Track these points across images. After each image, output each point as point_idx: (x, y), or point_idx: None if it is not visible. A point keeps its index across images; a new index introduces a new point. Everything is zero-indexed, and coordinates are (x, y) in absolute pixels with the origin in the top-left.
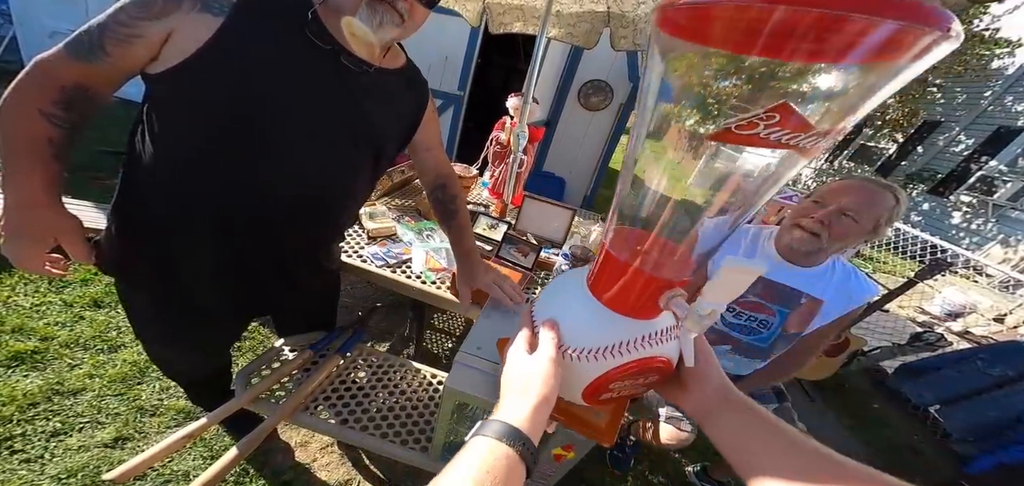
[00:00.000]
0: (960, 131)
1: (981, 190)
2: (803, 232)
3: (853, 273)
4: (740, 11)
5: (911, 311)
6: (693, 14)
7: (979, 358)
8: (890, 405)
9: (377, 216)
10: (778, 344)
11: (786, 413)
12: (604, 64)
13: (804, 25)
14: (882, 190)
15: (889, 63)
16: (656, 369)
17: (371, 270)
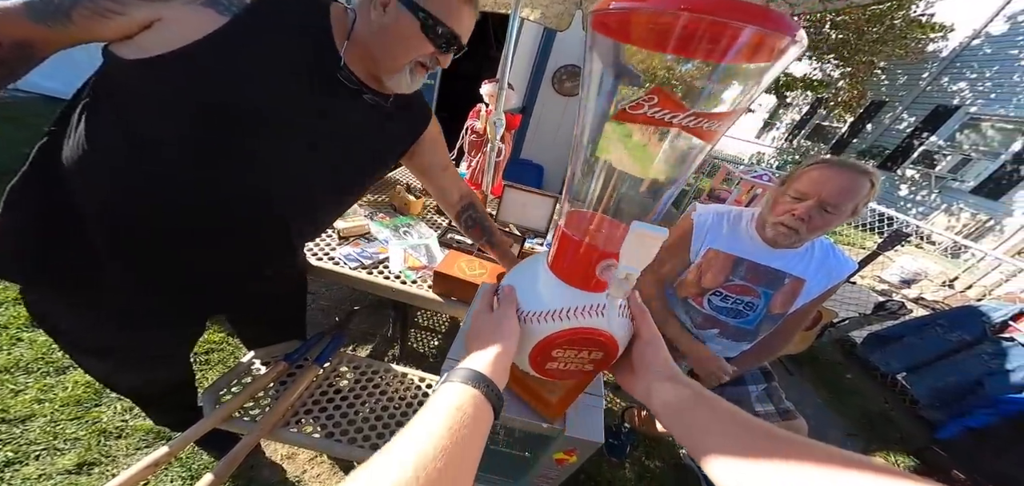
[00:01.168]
0: (903, 110)
1: (924, 164)
2: (784, 228)
3: (831, 250)
4: (654, 18)
5: (870, 280)
6: (619, 18)
7: (938, 324)
8: (862, 374)
9: (348, 215)
10: (763, 325)
11: (774, 392)
12: (577, 48)
13: (701, 30)
14: (860, 176)
15: (757, 63)
16: (599, 344)
17: (345, 273)
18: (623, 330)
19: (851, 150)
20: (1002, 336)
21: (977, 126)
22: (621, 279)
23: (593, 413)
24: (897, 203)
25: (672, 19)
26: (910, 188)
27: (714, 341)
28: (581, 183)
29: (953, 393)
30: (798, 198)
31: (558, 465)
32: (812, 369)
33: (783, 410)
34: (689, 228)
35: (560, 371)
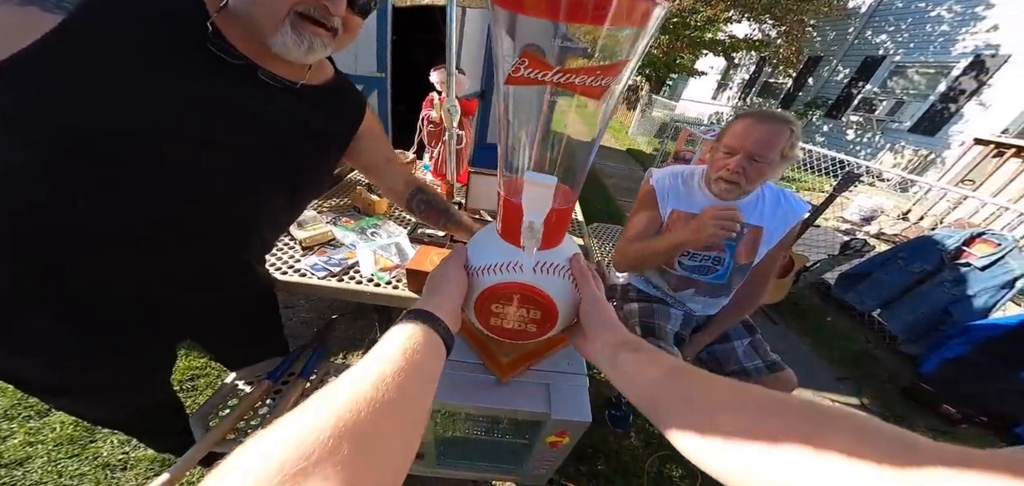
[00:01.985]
0: (837, 63)
1: (865, 110)
2: (725, 182)
3: (782, 195)
4: None
5: (834, 221)
6: None
7: (899, 257)
8: (840, 315)
9: (307, 224)
10: (734, 277)
11: (759, 346)
12: (529, 28)
13: None
14: (779, 125)
15: (631, 26)
16: (536, 302)
17: (313, 284)
18: (561, 291)
19: (798, 103)
20: (958, 262)
21: (904, 72)
22: (526, 228)
23: (578, 393)
24: (847, 147)
25: None
26: (856, 132)
27: (692, 301)
28: (510, 151)
29: (925, 325)
30: (729, 153)
31: (553, 448)
32: (794, 316)
33: (770, 363)
34: (652, 192)
35: (505, 329)
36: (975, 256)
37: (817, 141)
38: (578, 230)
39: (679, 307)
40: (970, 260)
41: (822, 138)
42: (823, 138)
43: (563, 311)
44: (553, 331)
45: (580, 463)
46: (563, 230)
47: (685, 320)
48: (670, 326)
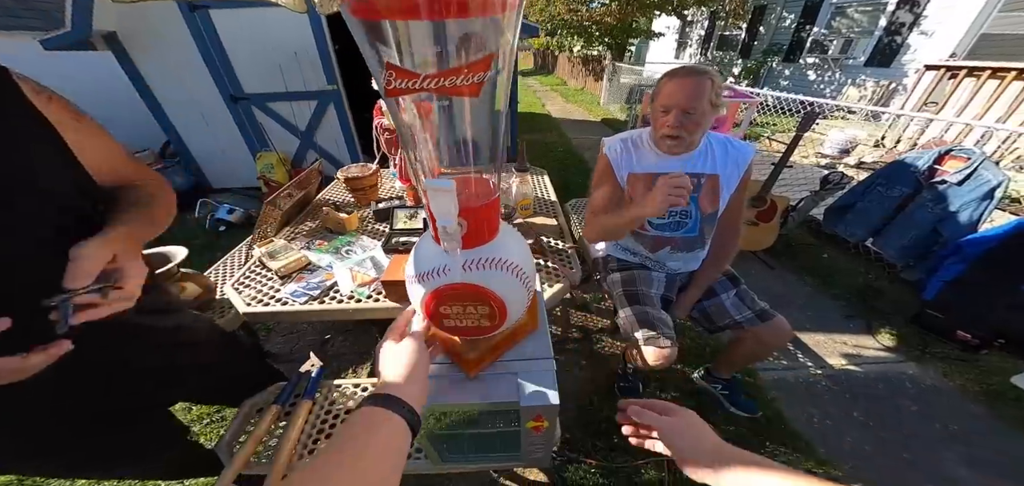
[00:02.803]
0: (781, 9)
1: (818, 51)
2: (668, 139)
3: (728, 142)
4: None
5: (812, 158)
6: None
7: (878, 185)
8: (835, 249)
9: (279, 253)
10: (705, 226)
11: (746, 296)
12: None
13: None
14: (699, 77)
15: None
16: (478, 299)
17: (296, 310)
18: (500, 284)
19: (756, 52)
20: (934, 181)
21: (844, 12)
22: (441, 232)
23: (545, 377)
24: (811, 88)
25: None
26: (816, 73)
27: (671, 259)
28: (415, 158)
29: (918, 247)
30: (665, 111)
31: (536, 433)
32: (790, 258)
33: (760, 312)
34: (607, 162)
35: (461, 327)
36: (949, 172)
37: (781, 86)
38: (551, 210)
39: (660, 268)
40: (945, 177)
41: (786, 82)
42: (787, 82)
43: (510, 301)
44: (508, 322)
45: (596, 439)
46: (493, 225)
47: (668, 281)
48: (654, 291)
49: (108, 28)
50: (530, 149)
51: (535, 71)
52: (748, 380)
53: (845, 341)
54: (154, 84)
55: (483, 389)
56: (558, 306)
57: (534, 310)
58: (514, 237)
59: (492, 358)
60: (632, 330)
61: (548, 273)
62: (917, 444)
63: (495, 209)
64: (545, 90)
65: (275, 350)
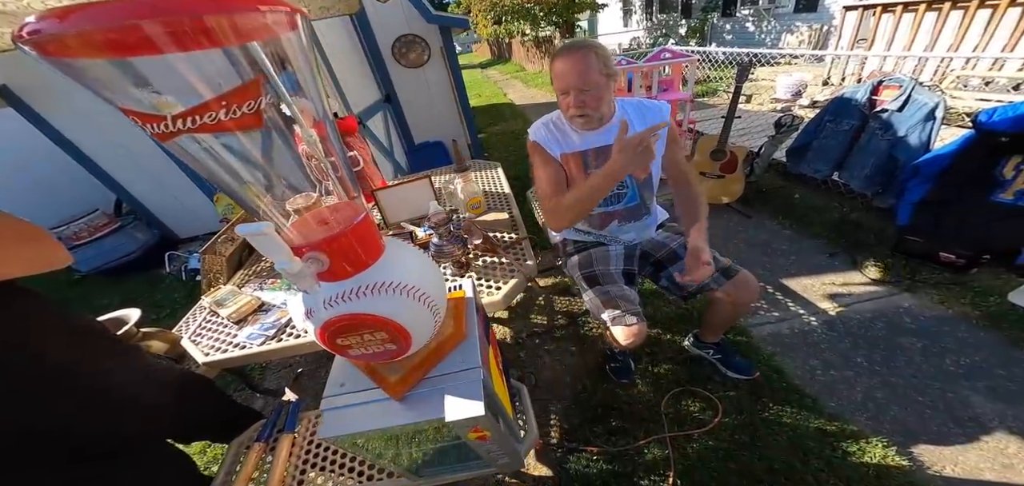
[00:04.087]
0: None
1: (751, 3)
2: (578, 118)
3: (640, 105)
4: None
5: (768, 105)
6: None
7: (827, 121)
8: (806, 190)
9: (227, 301)
10: (644, 192)
11: (740, 278)
12: (398, 18)
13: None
14: (582, 52)
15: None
16: (368, 325)
17: (254, 352)
18: (386, 306)
19: (696, 10)
20: (877, 111)
21: None
22: (284, 274)
23: (471, 388)
24: (753, 39)
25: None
26: (754, 24)
27: (622, 231)
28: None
29: (882, 175)
30: (563, 93)
31: (483, 441)
32: (764, 204)
33: (723, 269)
34: (537, 146)
35: (369, 354)
36: (887, 101)
37: (726, 41)
38: (504, 204)
39: (615, 243)
40: (885, 106)
41: (730, 37)
42: (730, 36)
43: (407, 322)
44: (417, 341)
45: (594, 425)
46: (370, 249)
47: (627, 254)
48: (613, 268)
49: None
50: (496, 139)
51: (494, 61)
52: (741, 340)
53: (833, 281)
54: (75, 137)
55: (409, 411)
56: (541, 296)
57: (461, 319)
58: (405, 254)
59: (417, 377)
60: (598, 312)
61: (502, 269)
62: (931, 384)
63: (366, 229)
64: (505, 79)
65: (271, 387)
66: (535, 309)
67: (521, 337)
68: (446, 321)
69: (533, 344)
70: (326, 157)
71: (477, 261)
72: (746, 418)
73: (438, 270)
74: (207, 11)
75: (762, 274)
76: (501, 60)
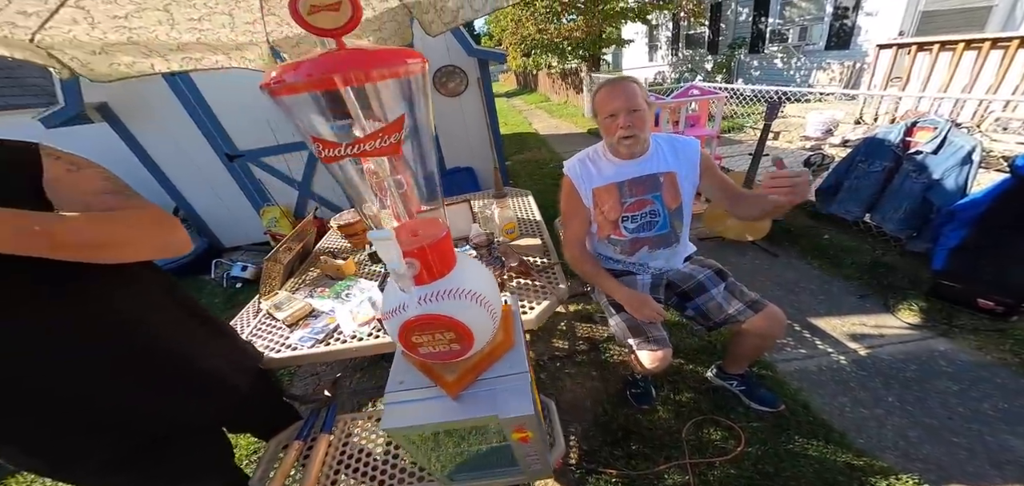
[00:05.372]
0: (736, 4)
1: (779, 40)
2: (626, 139)
3: (672, 140)
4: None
5: (798, 142)
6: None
7: (859, 161)
8: (835, 230)
9: (284, 304)
10: (674, 222)
11: (735, 288)
12: (441, 50)
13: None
14: (628, 81)
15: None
16: (442, 326)
17: (303, 354)
18: (460, 310)
19: (723, 46)
20: (910, 153)
21: (791, 1)
22: (392, 273)
23: (519, 389)
24: (782, 76)
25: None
26: (783, 61)
27: (651, 258)
28: (361, 209)
29: (916, 218)
30: (612, 116)
31: (524, 443)
32: (791, 244)
33: (751, 302)
34: (570, 185)
35: (435, 353)
36: (921, 143)
37: (753, 77)
38: (536, 230)
39: (643, 270)
40: (919, 148)
41: (757, 73)
42: (758, 72)
43: (473, 324)
44: (477, 344)
45: (613, 448)
46: (447, 260)
47: (654, 283)
48: (624, 315)
49: (99, 100)
50: (521, 167)
51: (520, 91)
52: (766, 373)
53: (864, 322)
54: (152, 149)
55: (462, 409)
56: (563, 321)
57: (509, 328)
58: (472, 266)
59: (471, 378)
60: (624, 337)
61: (535, 292)
62: (968, 426)
63: (446, 244)
64: (530, 108)
65: (297, 392)
66: (557, 334)
67: (543, 359)
68: (498, 330)
69: (554, 367)
70: (392, 175)
71: (511, 282)
72: (770, 449)
73: (495, 282)
74: (372, 65)
75: (789, 312)
76: (526, 90)
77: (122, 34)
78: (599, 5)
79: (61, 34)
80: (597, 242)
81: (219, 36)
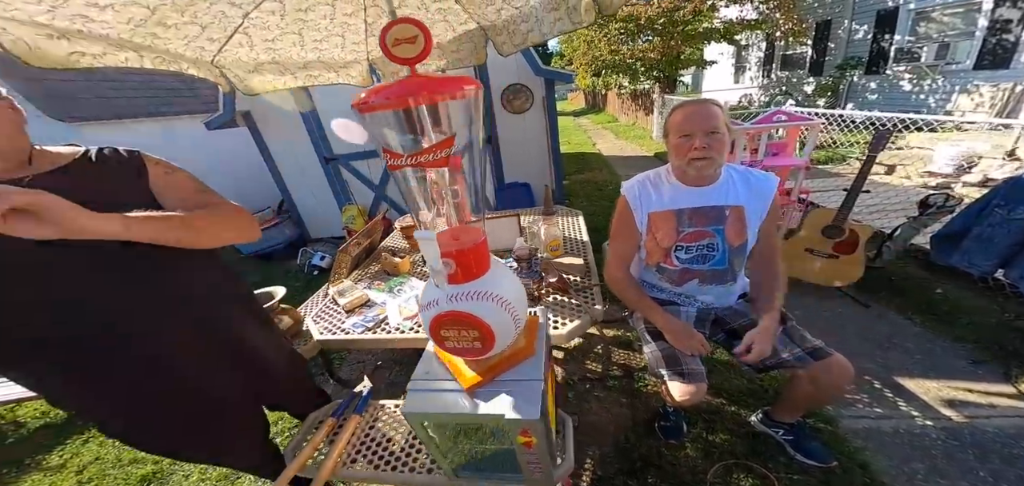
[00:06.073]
0: (850, 22)
1: (908, 60)
2: (699, 161)
3: (748, 173)
4: (390, 103)
5: (916, 179)
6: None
7: (996, 206)
8: (952, 284)
9: (346, 292)
10: (733, 259)
11: (795, 333)
12: (511, 69)
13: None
14: (708, 103)
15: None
16: (465, 324)
17: (354, 338)
18: (486, 311)
19: (829, 68)
20: None
21: (928, 16)
22: (430, 269)
23: (531, 394)
24: (908, 100)
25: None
26: (911, 83)
27: (701, 292)
28: (414, 214)
29: None
30: (686, 136)
31: (528, 448)
32: (891, 295)
33: (812, 350)
34: (625, 205)
35: (458, 348)
36: None
37: (869, 101)
38: (581, 250)
39: (689, 303)
40: None
41: (874, 96)
42: (875, 96)
43: (496, 326)
44: (497, 345)
45: (629, 477)
46: (482, 263)
47: (699, 317)
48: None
49: (245, 108)
50: (580, 188)
51: (587, 110)
52: (823, 428)
53: (968, 388)
54: (273, 150)
55: (476, 403)
56: (600, 345)
57: (532, 337)
58: (504, 274)
59: (489, 377)
60: (657, 366)
61: (570, 309)
62: None
63: (482, 251)
64: (596, 129)
65: (343, 377)
66: (592, 356)
67: (573, 378)
68: (520, 336)
69: (584, 388)
70: (450, 185)
71: (548, 298)
72: None
73: (524, 292)
74: (436, 91)
75: (871, 368)
76: (594, 109)
77: (269, 55)
78: (679, 26)
79: (231, 56)
80: (643, 269)
81: (333, 55)
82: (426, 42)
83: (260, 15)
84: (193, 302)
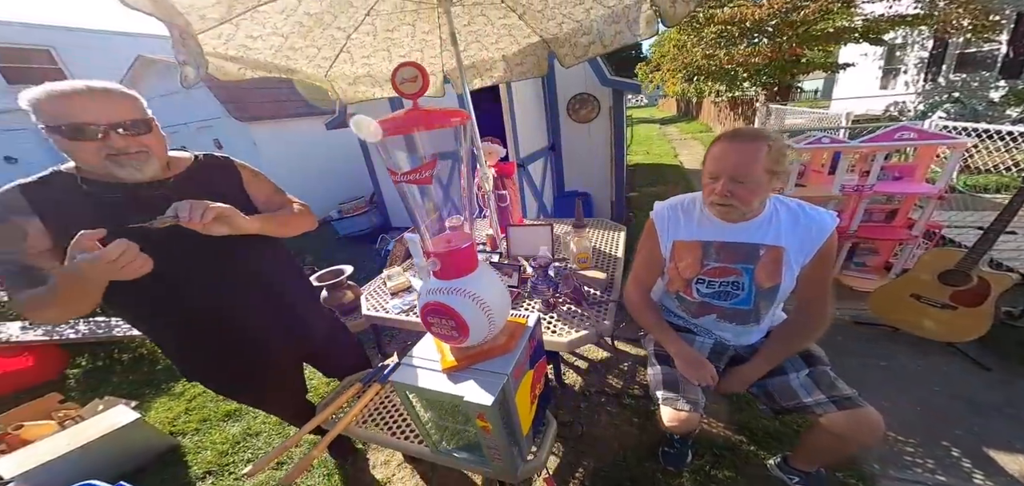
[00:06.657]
0: None
1: None
2: (718, 206)
3: (801, 210)
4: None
5: None
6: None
7: None
8: None
9: (395, 276)
10: (760, 302)
11: (822, 378)
12: (578, 79)
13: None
14: (752, 142)
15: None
16: (443, 314)
17: (392, 317)
18: (462, 306)
19: None
20: None
21: None
22: (415, 265)
23: (492, 385)
24: None
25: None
26: None
27: (718, 327)
28: (412, 218)
29: None
30: (714, 177)
31: (486, 434)
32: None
33: (838, 398)
34: (652, 229)
35: (441, 334)
36: None
37: None
38: (610, 266)
39: (706, 335)
40: None
41: None
42: None
43: (470, 321)
44: (471, 337)
45: None
46: (468, 264)
47: (715, 349)
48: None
49: (353, 111)
50: (648, 202)
51: (677, 118)
52: (853, 483)
53: None
54: (370, 149)
55: (445, 383)
56: (627, 362)
57: (514, 337)
58: (488, 276)
59: (464, 364)
60: (655, 388)
61: (580, 320)
62: None
63: (468, 253)
64: (683, 138)
65: (388, 351)
66: (616, 372)
67: (590, 391)
68: (500, 334)
69: (598, 401)
70: (495, 190)
71: (562, 306)
72: None
73: (507, 297)
74: (432, 123)
75: (956, 433)
76: (686, 117)
77: (364, 69)
78: (799, 27)
79: (338, 70)
80: (663, 293)
81: None
82: (424, 82)
83: (358, 36)
84: (261, 276)
